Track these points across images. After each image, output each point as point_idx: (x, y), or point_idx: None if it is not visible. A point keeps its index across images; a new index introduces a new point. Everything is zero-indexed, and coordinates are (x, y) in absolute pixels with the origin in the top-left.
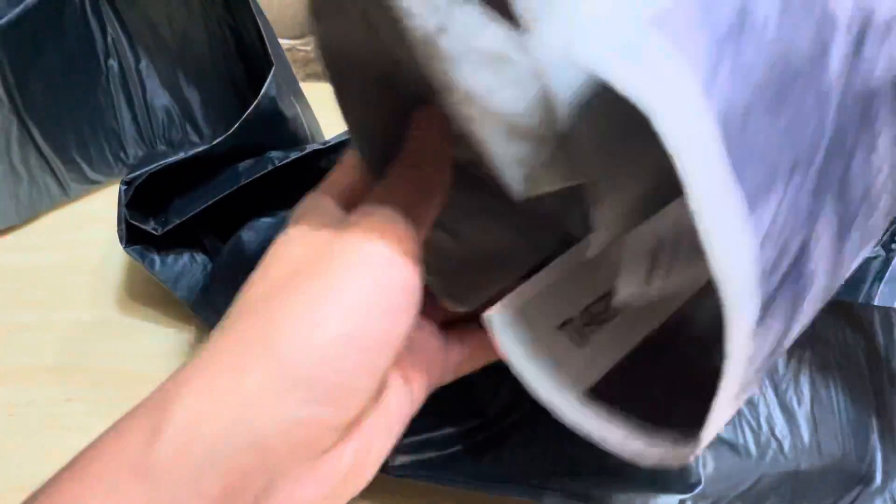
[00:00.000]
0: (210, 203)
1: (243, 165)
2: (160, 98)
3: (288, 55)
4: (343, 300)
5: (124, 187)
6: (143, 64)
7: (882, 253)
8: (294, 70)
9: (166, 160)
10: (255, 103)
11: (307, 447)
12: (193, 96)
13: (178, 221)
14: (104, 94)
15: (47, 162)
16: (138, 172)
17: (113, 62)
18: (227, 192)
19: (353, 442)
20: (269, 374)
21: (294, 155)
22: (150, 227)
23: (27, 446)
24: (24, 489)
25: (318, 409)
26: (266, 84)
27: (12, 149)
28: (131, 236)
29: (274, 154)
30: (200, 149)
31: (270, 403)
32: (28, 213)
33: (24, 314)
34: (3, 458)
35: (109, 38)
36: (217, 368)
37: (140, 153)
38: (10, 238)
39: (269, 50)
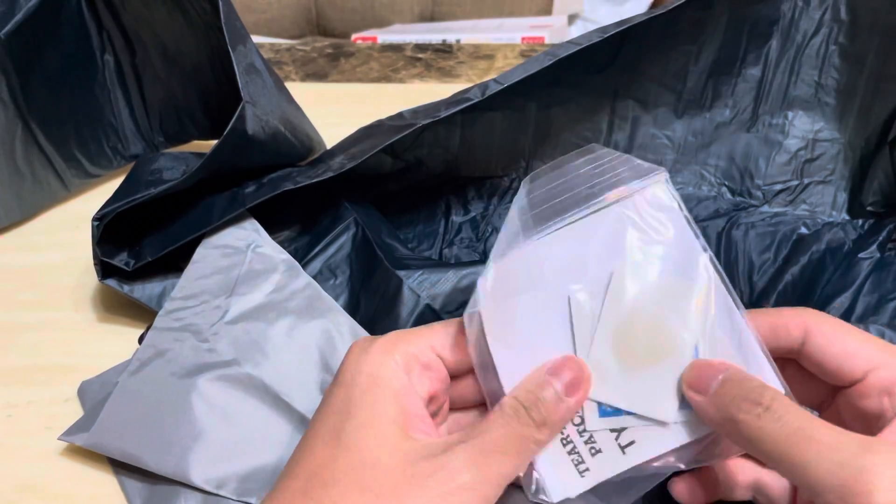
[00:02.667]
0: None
1: (217, 203)
2: (156, 91)
3: (287, 55)
4: None
5: (95, 223)
6: (139, 58)
7: (877, 254)
8: (293, 70)
9: (137, 197)
10: (223, 136)
11: None
12: (190, 89)
13: (150, 259)
14: (101, 90)
15: (48, 159)
16: (109, 209)
17: (109, 57)
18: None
19: None
20: None
21: (265, 195)
22: (122, 261)
23: (27, 446)
24: (25, 489)
25: None
26: (233, 119)
27: (16, 150)
28: (107, 267)
29: (248, 190)
30: (171, 184)
31: None
32: (31, 210)
33: (23, 314)
34: (3, 458)
35: (105, 34)
36: None
37: (139, 146)
38: (9, 238)
39: (240, 82)
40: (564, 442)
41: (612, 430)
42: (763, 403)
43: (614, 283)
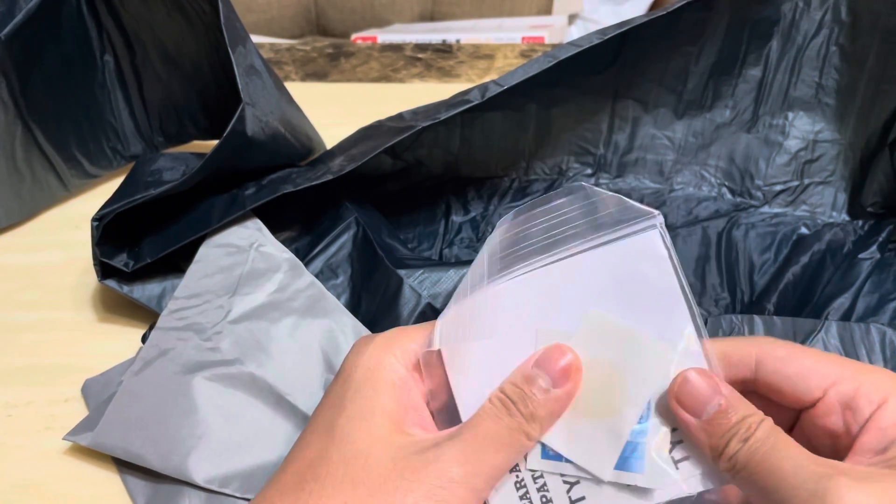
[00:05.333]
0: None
1: (217, 205)
2: (156, 92)
3: (287, 55)
4: None
5: (95, 223)
6: (139, 58)
7: (877, 254)
8: (293, 70)
9: (136, 197)
10: (223, 137)
11: None
12: (190, 89)
13: (149, 260)
14: (101, 90)
15: (48, 160)
16: (108, 209)
17: (109, 58)
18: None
19: None
20: None
21: (265, 197)
22: (122, 261)
23: (26, 446)
24: (24, 489)
25: None
26: (233, 120)
27: (16, 151)
28: (107, 268)
29: (248, 192)
30: (171, 185)
31: None
32: (31, 210)
33: (23, 314)
34: (2, 458)
35: (105, 34)
36: None
37: (138, 146)
38: (9, 238)
39: (240, 83)
40: (518, 485)
41: (566, 482)
42: (750, 440)
43: (584, 327)
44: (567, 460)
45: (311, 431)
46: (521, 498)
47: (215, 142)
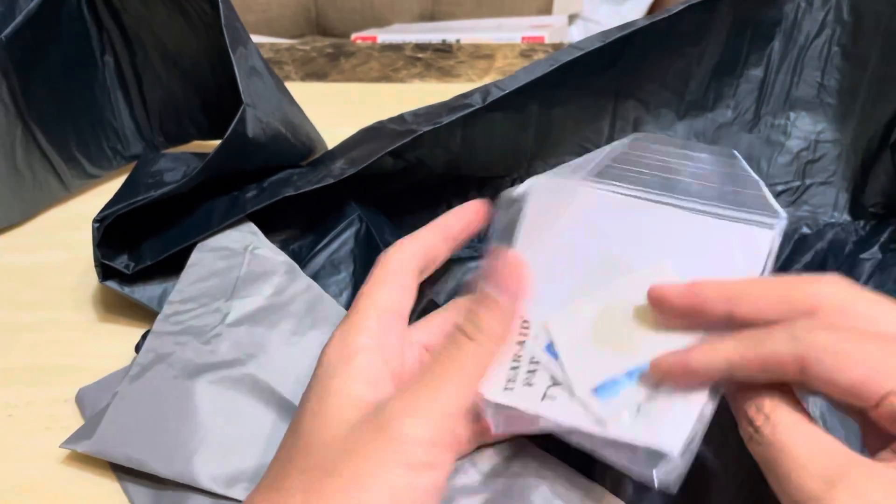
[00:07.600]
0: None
1: (217, 207)
2: (156, 92)
3: (287, 55)
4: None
5: (96, 225)
6: (139, 58)
7: (879, 255)
8: (293, 70)
9: (138, 199)
10: (223, 140)
11: None
12: (190, 89)
13: (150, 263)
14: (101, 90)
15: (49, 160)
16: (109, 211)
17: (109, 58)
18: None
19: None
20: None
21: (265, 201)
22: (122, 263)
23: (27, 446)
24: (24, 489)
25: None
26: (234, 122)
27: (17, 151)
28: (107, 269)
29: (249, 195)
30: (172, 187)
31: None
32: (31, 210)
33: (23, 314)
34: (2, 458)
35: (105, 34)
36: None
37: (139, 146)
38: (9, 238)
39: (241, 85)
40: (514, 359)
41: (551, 378)
42: (759, 420)
43: (651, 269)
44: (560, 363)
45: (290, 423)
46: (511, 369)
47: (216, 142)
